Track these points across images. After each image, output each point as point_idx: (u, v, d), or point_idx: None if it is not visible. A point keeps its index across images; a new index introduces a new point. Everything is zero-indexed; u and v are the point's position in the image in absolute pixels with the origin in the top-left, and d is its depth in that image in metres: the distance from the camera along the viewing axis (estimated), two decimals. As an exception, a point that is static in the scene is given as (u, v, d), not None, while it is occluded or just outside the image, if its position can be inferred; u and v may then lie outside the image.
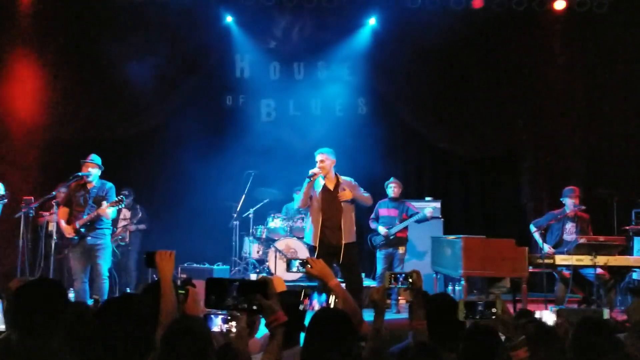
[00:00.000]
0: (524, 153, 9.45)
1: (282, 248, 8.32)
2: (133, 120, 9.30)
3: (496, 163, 9.66)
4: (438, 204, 8.58)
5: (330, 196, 6.14)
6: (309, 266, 2.99)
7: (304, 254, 8.26)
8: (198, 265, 8.19)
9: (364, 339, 3.07)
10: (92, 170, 6.39)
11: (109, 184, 6.50)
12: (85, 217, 6.22)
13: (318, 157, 6.18)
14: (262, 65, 9.82)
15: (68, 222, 6.33)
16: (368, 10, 9.38)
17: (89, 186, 6.39)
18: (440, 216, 8.58)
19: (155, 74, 9.14)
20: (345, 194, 6.11)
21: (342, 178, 6.27)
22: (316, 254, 5.94)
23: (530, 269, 6.75)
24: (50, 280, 2.56)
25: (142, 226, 8.60)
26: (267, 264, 8.43)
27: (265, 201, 8.83)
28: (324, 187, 6.18)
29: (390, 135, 9.64)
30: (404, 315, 7.12)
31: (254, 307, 2.14)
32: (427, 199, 8.68)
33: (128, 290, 8.10)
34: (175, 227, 8.66)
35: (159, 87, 9.25)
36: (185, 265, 8.18)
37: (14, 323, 2.20)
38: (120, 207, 6.44)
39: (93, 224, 6.26)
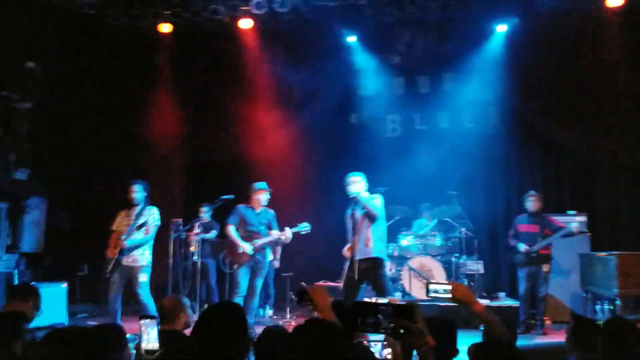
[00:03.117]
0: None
1: (416, 266, 8.14)
2: (263, 143, 9.63)
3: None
4: (584, 218, 7.95)
5: None
6: (452, 289, 2.81)
7: (438, 272, 8.05)
8: (331, 283, 8.23)
9: None
10: (262, 197, 6.90)
11: (272, 212, 6.98)
12: (266, 239, 6.77)
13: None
14: (386, 81, 9.81)
15: None
16: (495, 18, 9.04)
17: (256, 210, 6.90)
18: (586, 231, 7.97)
19: (284, 97, 9.48)
20: None
21: None
22: None
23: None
24: (232, 305, 2.65)
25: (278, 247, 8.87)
26: (400, 282, 8.28)
27: (397, 218, 8.69)
28: None
29: (524, 146, 9.23)
30: (554, 339, 6.67)
31: (401, 331, 2.08)
32: (570, 212, 8.07)
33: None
34: (305, 245, 8.77)
35: (287, 108, 9.54)
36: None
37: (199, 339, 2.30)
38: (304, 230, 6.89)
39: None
